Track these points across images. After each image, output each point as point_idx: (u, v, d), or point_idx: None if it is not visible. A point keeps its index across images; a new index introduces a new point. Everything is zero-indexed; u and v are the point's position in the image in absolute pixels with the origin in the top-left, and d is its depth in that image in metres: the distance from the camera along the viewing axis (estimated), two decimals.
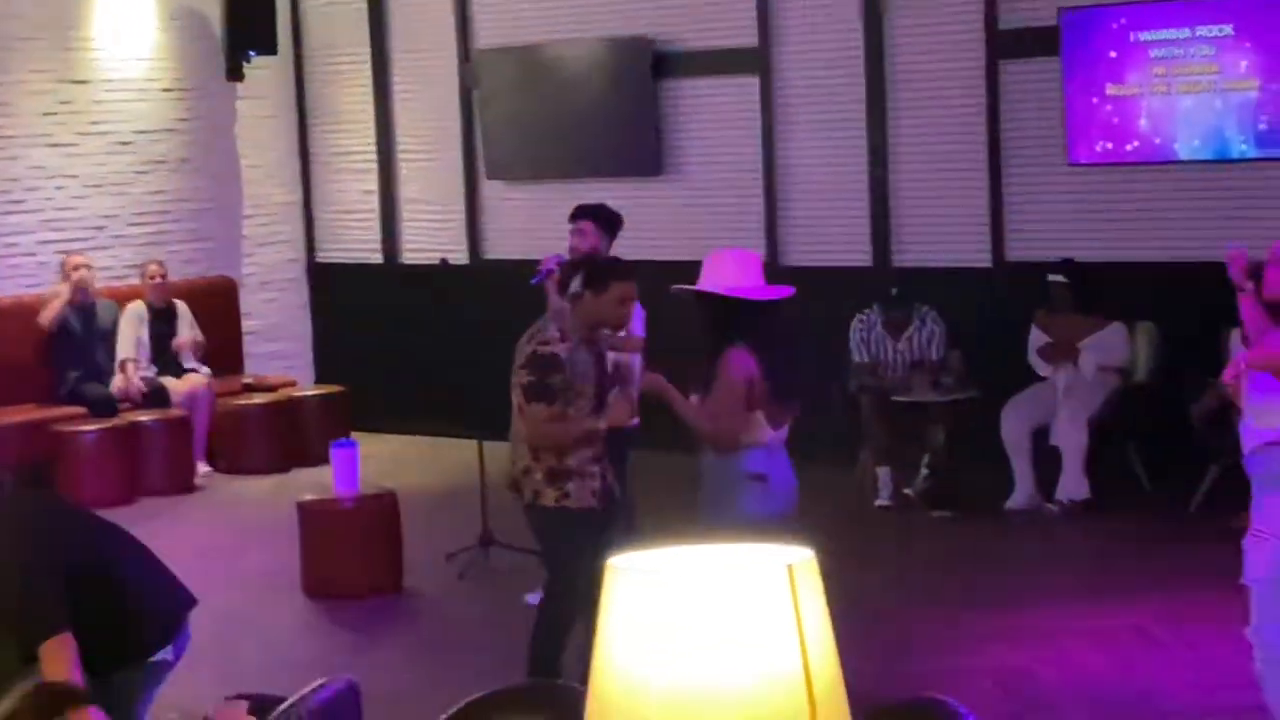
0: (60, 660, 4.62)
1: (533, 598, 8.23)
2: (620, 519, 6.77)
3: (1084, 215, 10.61)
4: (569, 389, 6.32)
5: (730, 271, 6.14)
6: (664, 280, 6.75)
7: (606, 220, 8.40)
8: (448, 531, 9.53)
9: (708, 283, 6.12)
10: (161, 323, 11.99)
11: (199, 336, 12.08)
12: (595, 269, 6.60)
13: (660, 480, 8.36)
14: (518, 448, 6.44)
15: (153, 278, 12.02)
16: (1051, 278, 10.22)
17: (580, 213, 8.51)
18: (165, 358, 11.95)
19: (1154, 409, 9.97)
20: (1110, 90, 10.36)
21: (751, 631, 2.53)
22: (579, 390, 6.37)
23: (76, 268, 11.74)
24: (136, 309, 11.92)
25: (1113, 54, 10.32)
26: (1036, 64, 10.66)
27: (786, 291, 6.25)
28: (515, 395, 6.39)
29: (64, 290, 11.68)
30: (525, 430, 6.38)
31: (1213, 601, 7.67)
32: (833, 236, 11.49)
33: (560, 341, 6.33)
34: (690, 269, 6.55)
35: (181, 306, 12.13)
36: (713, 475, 6.19)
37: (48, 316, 11.62)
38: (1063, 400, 10.00)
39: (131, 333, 11.85)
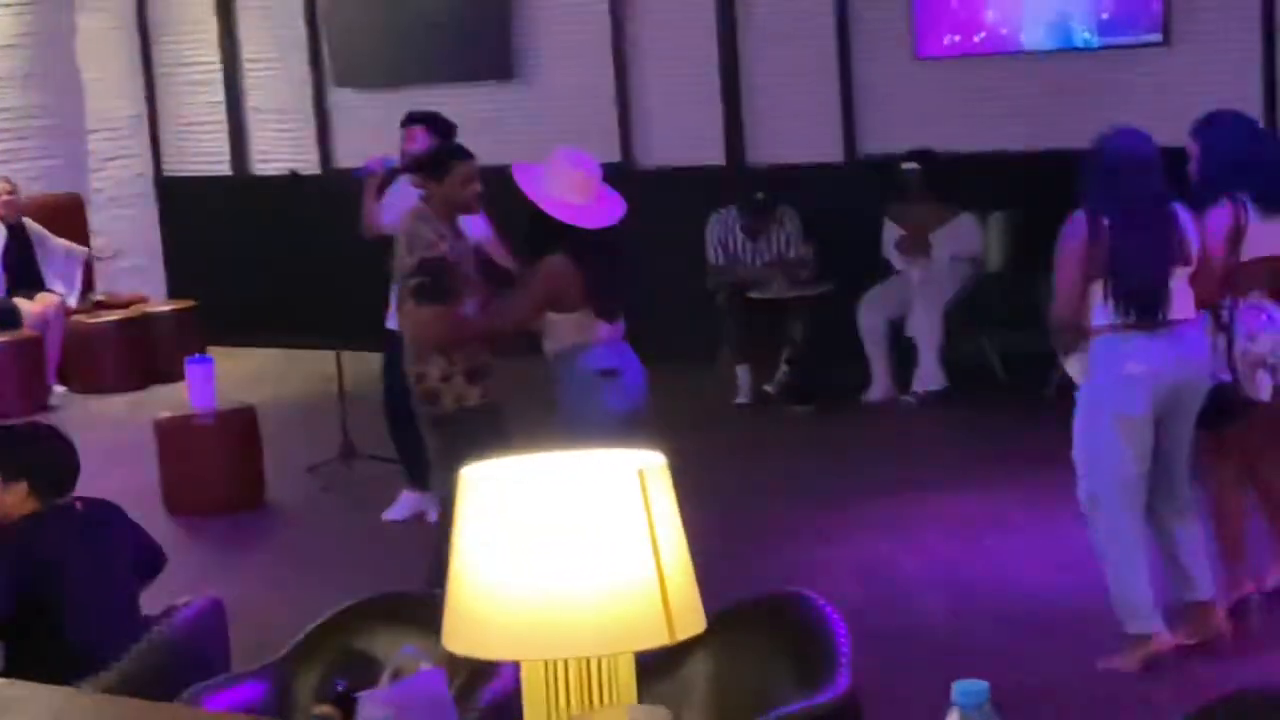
0: None
1: (397, 512, 8.24)
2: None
3: (933, 108, 10.69)
4: (463, 287, 6.31)
5: (562, 183, 6.16)
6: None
7: (440, 126, 8.37)
8: (308, 444, 9.48)
9: (538, 190, 6.15)
10: (14, 240, 11.78)
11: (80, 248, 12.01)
12: (428, 159, 6.68)
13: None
14: (426, 356, 6.35)
15: (2, 195, 11.81)
16: (905, 166, 10.29)
17: (411, 118, 8.48)
18: (19, 276, 11.74)
19: (1007, 299, 10.10)
20: None
21: (604, 536, 2.56)
22: (472, 285, 6.38)
23: None
24: None
25: None
26: None
27: (611, 217, 6.24)
28: (405, 303, 6.34)
29: None
30: (432, 334, 6.29)
31: (1066, 486, 7.83)
32: (686, 136, 11.49)
33: (440, 241, 6.31)
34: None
35: (31, 224, 11.92)
36: (564, 374, 6.27)
37: None
38: (917, 292, 10.11)
39: None
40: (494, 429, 6.28)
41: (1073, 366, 5.92)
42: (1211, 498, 6.23)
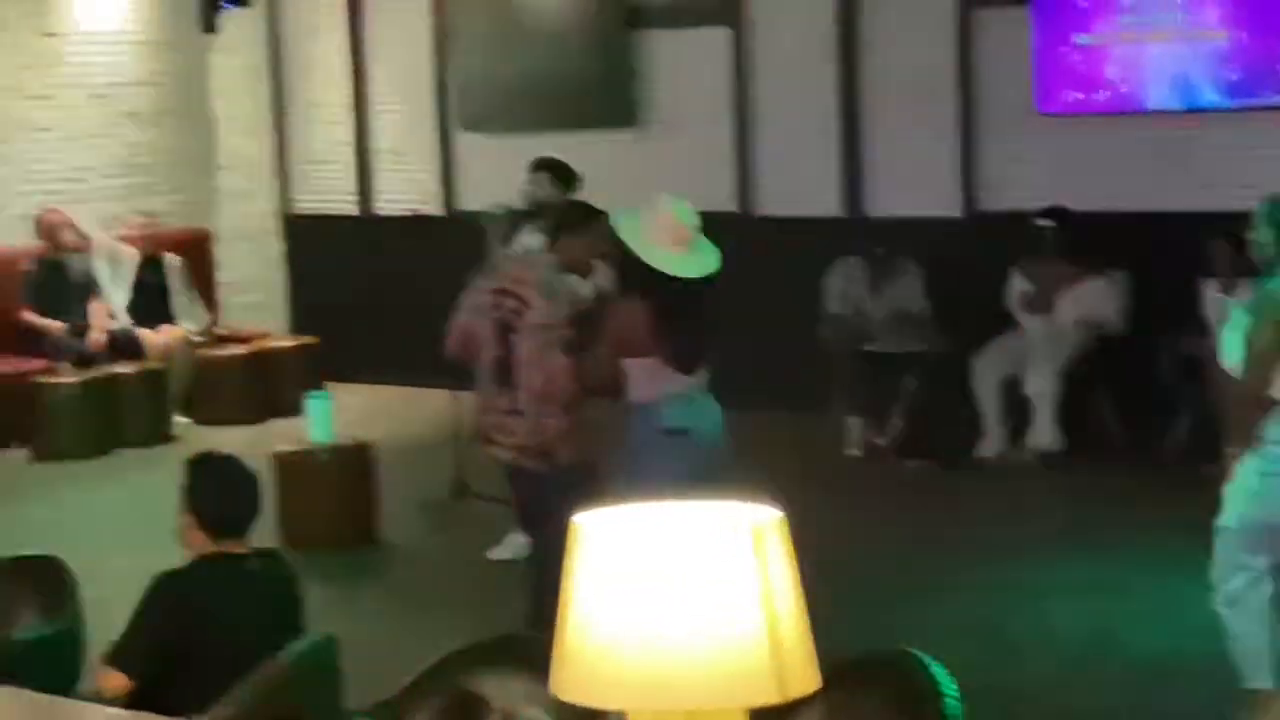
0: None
1: (503, 552, 8.29)
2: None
3: (1054, 165, 10.65)
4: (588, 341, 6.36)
5: (660, 230, 6.10)
6: None
7: (564, 174, 8.47)
8: (421, 482, 9.57)
9: (633, 234, 6.12)
10: (150, 273, 12.03)
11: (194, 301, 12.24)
12: (569, 211, 6.68)
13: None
14: (549, 409, 6.34)
15: (141, 228, 12.08)
16: (1040, 223, 10.23)
17: (539, 164, 8.59)
18: (151, 308, 11.98)
19: (1126, 359, 10.03)
20: (1079, 39, 10.39)
21: (718, 589, 2.58)
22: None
23: (54, 223, 11.80)
24: (119, 254, 12.00)
25: (1081, 3, 10.34)
26: (1007, 12, 10.67)
27: (704, 268, 6.14)
28: (545, 353, 6.30)
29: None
30: (565, 387, 6.28)
31: (1182, 551, 7.76)
32: (805, 187, 11.52)
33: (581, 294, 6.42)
34: None
35: (172, 261, 12.19)
36: (632, 428, 6.21)
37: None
38: (1036, 350, 10.04)
39: (114, 282, 11.94)
40: (595, 481, 6.35)
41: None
42: None
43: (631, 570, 2.59)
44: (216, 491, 4.97)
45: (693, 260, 6.12)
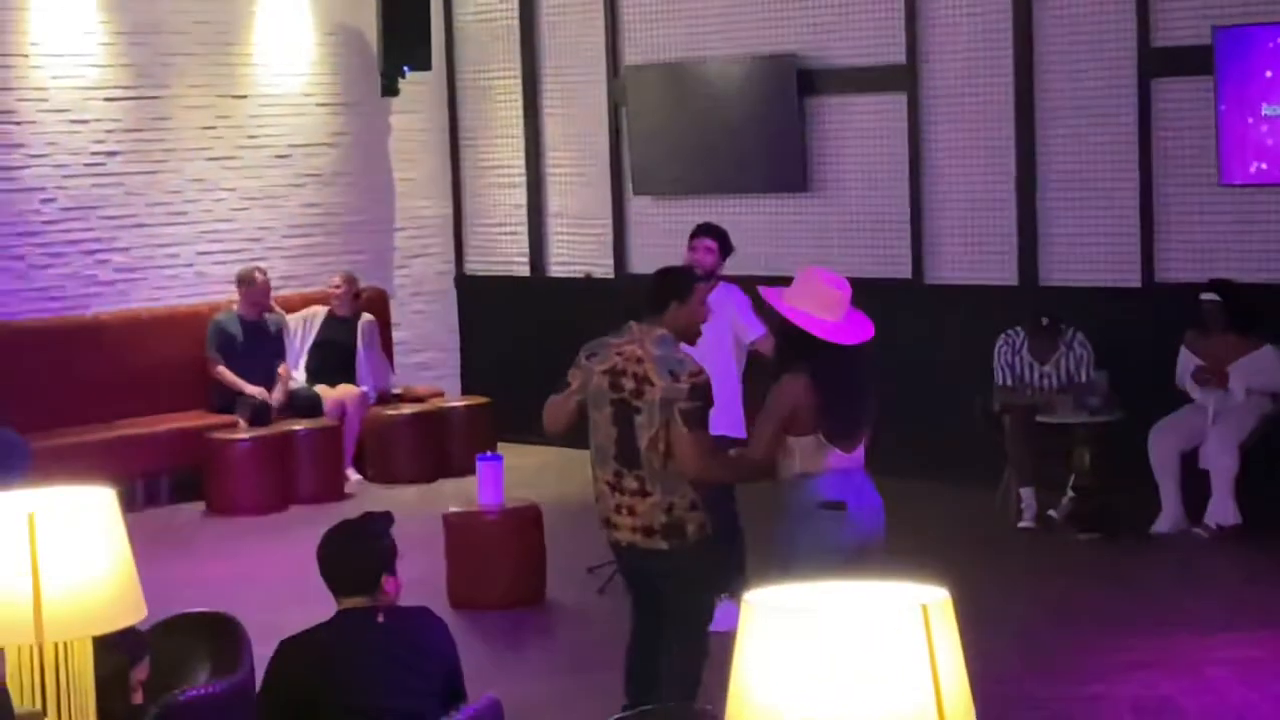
0: None
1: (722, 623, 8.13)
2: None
3: (1236, 236, 10.48)
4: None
5: (814, 299, 6.01)
6: None
7: (726, 241, 8.52)
8: (588, 544, 9.59)
9: (789, 305, 6.04)
10: (343, 331, 12.26)
11: (380, 362, 12.46)
12: (673, 278, 6.62)
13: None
14: (670, 484, 6.19)
15: (337, 287, 12.33)
16: (1205, 297, 10.09)
17: (703, 230, 8.59)
18: (333, 366, 12.18)
19: None
20: (1265, 110, 10.22)
21: (886, 670, 2.56)
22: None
23: (258, 281, 12.07)
24: (308, 315, 12.26)
25: (1268, 73, 10.18)
26: (1189, 82, 10.54)
27: (861, 335, 6.04)
28: (670, 428, 6.13)
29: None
30: (700, 463, 6.17)
31: None
32: (978, 254, 11.43)
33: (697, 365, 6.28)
34: None
35: (367, 323, 12.42)
36: (789, 502, 6.10)
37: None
38: (1212, 423, 9.87)
39: (296, 341, 12.20)
40: (713, 562, 6.43)
41: None
42: None
43: (800, 650, 2.58)
44: (328, 558, 5.05)
45: (850, 329, 6.04)
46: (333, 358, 12.25)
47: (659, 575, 6.32)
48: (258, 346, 12.06)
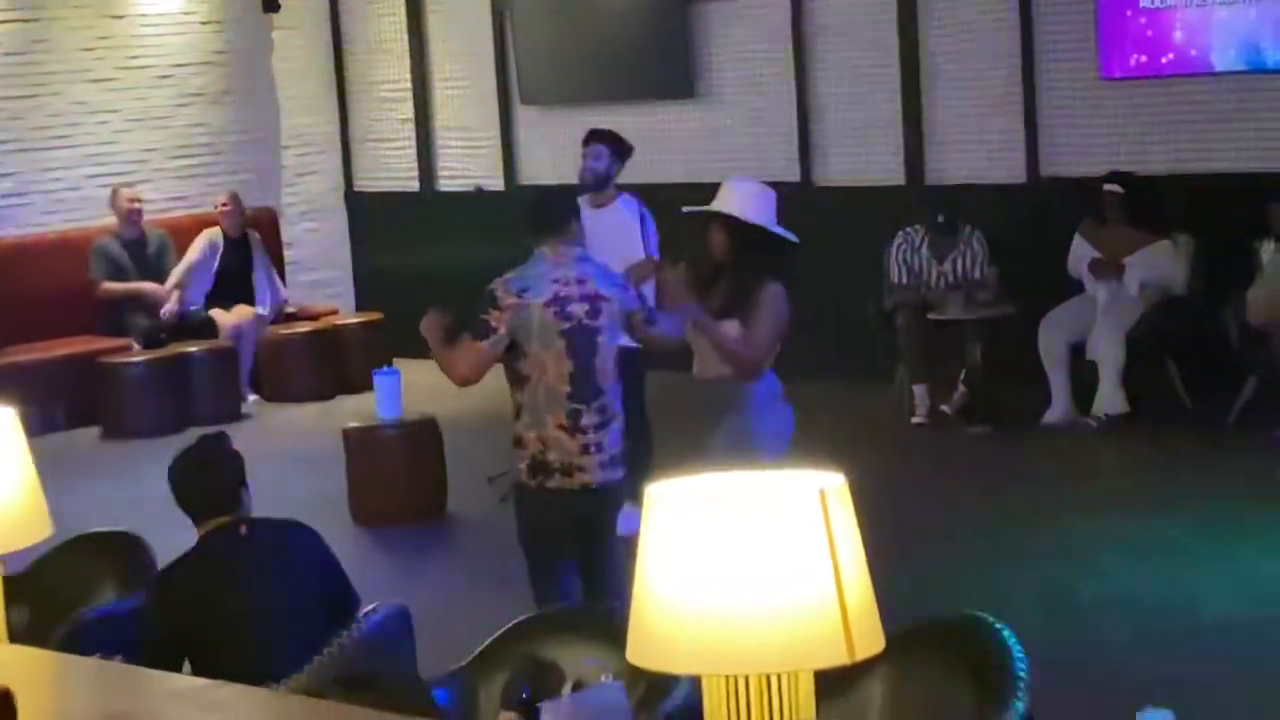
0: None
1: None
2: None
3: (1118, 129, 10.61)
4: None
5: (770, 208, 6.23)
6: (697, 202, 6.76)
7: (620, 145, 8.47)
8: (487, 456, 9.63)
9: (752, 215, 6.19)
10: (234, 253, 12.14)
11: (274, 279, 12.36)
12: (569, 196, 6.59)
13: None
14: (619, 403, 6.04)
15: (224, 206, 12.19)
16: (1107, 188, 10.18)
17: (594, 136, 8.57)
18: (231, 288, 12.07)
19: (1192, 322, 9.98)
20: (1144, 2, 10.32)
21: (786, 555, 2.63)
22: None
23: (130, 200, 11.95)
24: (209, 236, 12.12)
25: None
26: None
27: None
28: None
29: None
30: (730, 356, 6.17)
31: (1250, 514, 7.75)
32: (866, 155, 11.51)
33: None
34: None
35: (256, 239, 12.31)
36: (746, 398, 6.22)
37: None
38: (1102, 315, 10.01)
39: (187, 259, 12.06)
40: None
41: None
42: None
43: (702, 538, 2.64)
44: (187, 488, 5.06)
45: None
46: (228, 281, 12.14)
47: (610, 508, 5.99)
48: (140, 266, 11.95)
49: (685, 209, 6.50)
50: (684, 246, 6.71)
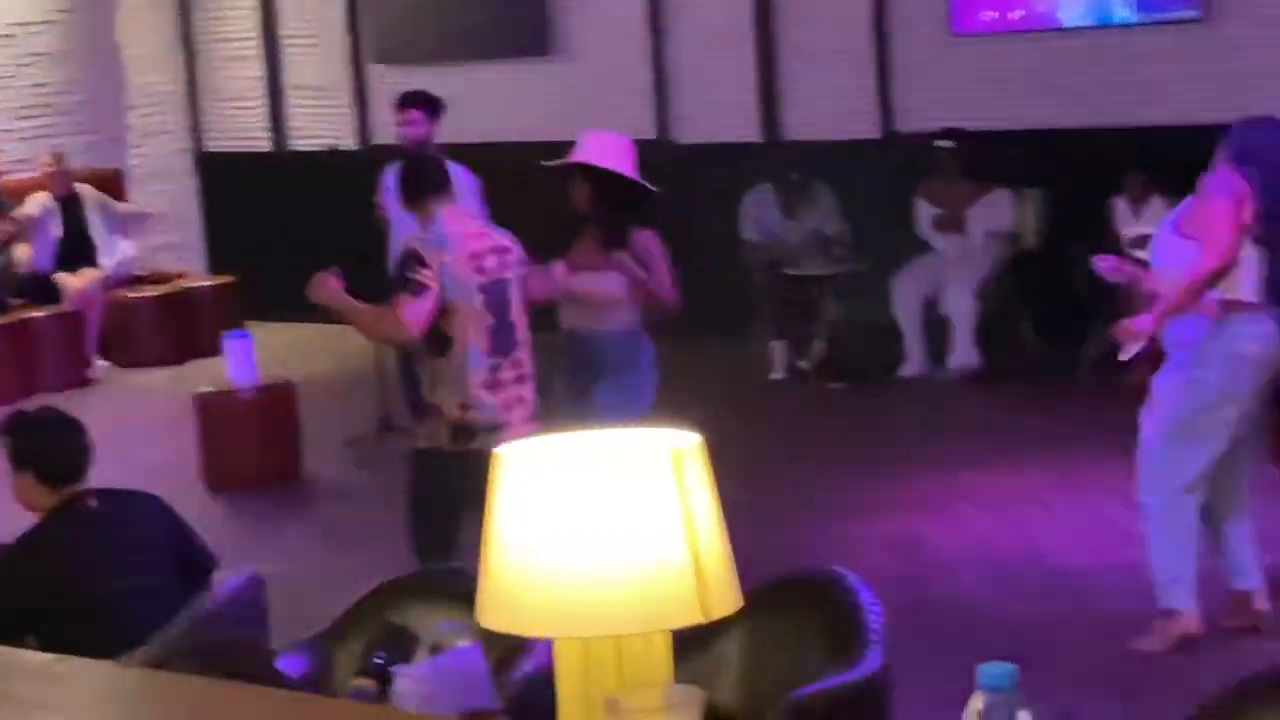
0: None
1: None
2: None
3: (970, 84, 10.69)
4: None
5: (629, 159, 6.27)
6: (556, 159, 6.75)
7: (434, 107, 8.38)
8: (346, 419, 9.56)
9: (613, 165, 6.23)
10: (68, 214, 11.89)
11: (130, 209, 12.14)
12: (440, 160, 6.56)
13: None
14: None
15: (47, 167, 11.92)
16: (938, 145, 10.30)
17: (407, 100, 8.44)
18: (71, 250, 11.83)
19: (1042, 275, 10.11)
20: None
21: (639, 515, 2.59)
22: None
23: None
24: (38, 199, 11.85)
25: None
26: None
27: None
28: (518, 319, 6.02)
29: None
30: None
31: (1102, 462, 7.85)
32: (722, 112, 11.51)
33: None
34: None
35: (88, 192, 12.03)
36: (631, 350, 6.36)
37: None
38: (952, 269, 10.12)
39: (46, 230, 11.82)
40: None
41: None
42: None
43: (553, 499, 2.60)
44: (53, 446, 4.91)
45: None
46: (68, 243, 11.89)
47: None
48: None
49: (545, 163, 6.50)
50: (544, 202, 6.69)
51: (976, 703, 1.96)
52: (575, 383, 6.33)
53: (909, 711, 3.91)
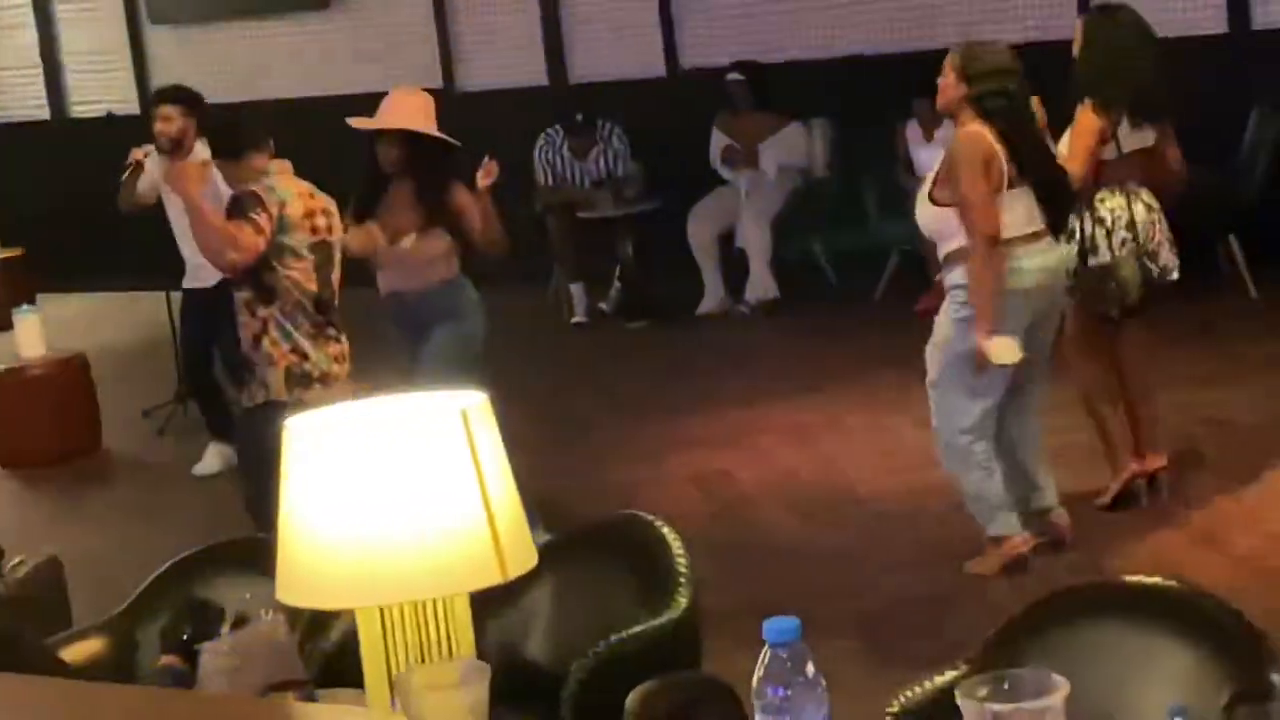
0: None
1: (205, 466, 8.15)
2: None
3: (753, 16, 10.73)
4: None
5: (432, 115, 6.36)
6: (340, 115, 6.70)
7: (191, 101, 8.19)
8: (143, 388, 9.38)
9: (422, 126, 6.32)
10: None
11: None
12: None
13: None
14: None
15: None
16: (730, 77, 10.33)
17: (162, 97, 8.26)
18: None
19: (834, 204, 10.21)
20: None
21: (431, 479, 2.58)
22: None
23: None
24: None
25: None
26: None
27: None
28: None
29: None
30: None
31: (899, 387, 7.96)
32: (507, 57, 11.44)
33: None
34: (366, 102, 6.56)
35: None
36: (463, 304, 6.43)
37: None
38: (745, 203, 10.18)
39: None
40: None
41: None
42: (1084, 394, 6.29)
43: (344, 469, 2.57)
44: None
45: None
46: None
47: None
48: None
49: (353, 122, 6.45)
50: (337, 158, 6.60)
51: (765, 657, 1.98)
52: (404, 342, 6.35)
53: (721, 651, 3.94)
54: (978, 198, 5.54)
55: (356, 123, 6.42)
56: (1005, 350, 5.62)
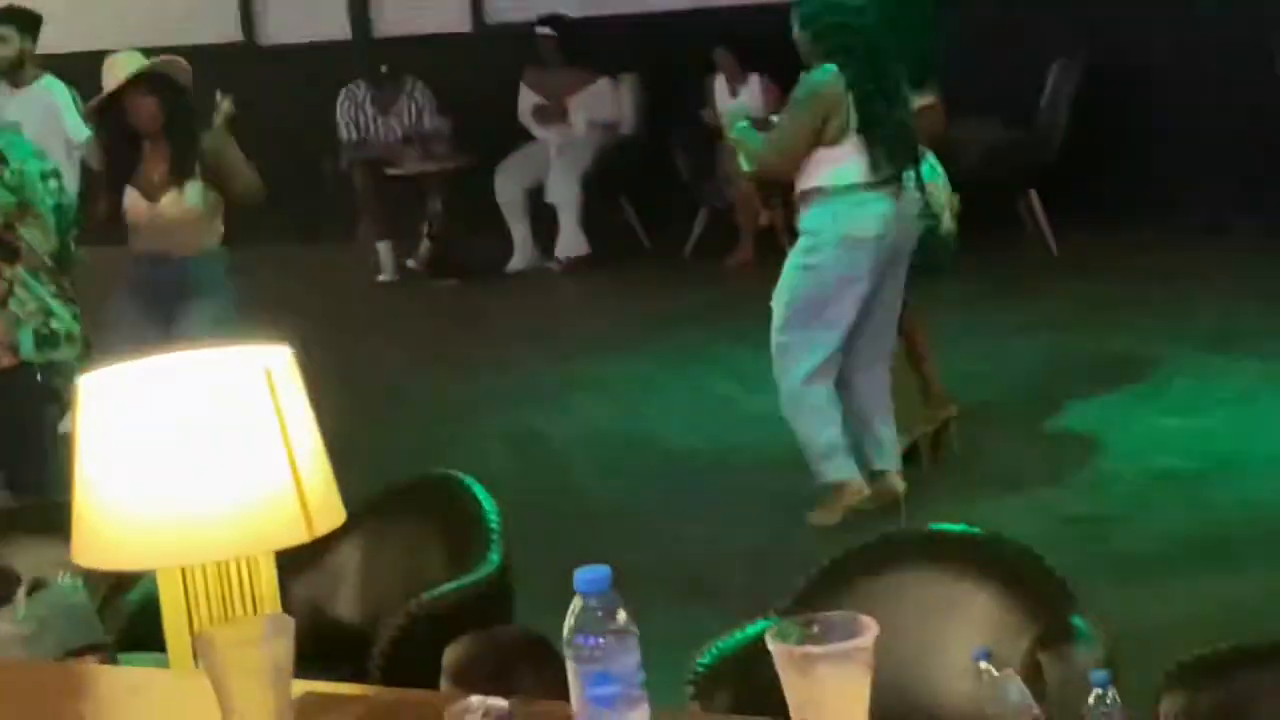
0: None
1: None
2: None
3: None
4: None
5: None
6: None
7: (25, 20, 7.96)
8: None
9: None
10: None
11: None
12: None
13: None
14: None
15: None
16: (539, 31, 10.27)
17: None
18: None
19: (643, 159, 10.21)
20: None
21: (235, 437, 2.51)
22: None
23: None
24: None
25: None
26: None
27: None
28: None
29: None
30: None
31: (708, 342, 8.00)
32: (309, 10, 11.26)
33: None
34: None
35: None
36: (214, 271, 6.26)
37: None
38: (555, 158, 10.14)
39: None
40: None
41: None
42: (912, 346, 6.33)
43: (140, 427, 2.50)
44: None
45: None
46: None
47: None
48: None
49: (106, 91, 6.29)
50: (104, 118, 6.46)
51: (575, 606, 1.96)
52: (154, 307, 6.17)
53: (532, 608, 3.91)
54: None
55: (110, 90, 6.25)
56: None
